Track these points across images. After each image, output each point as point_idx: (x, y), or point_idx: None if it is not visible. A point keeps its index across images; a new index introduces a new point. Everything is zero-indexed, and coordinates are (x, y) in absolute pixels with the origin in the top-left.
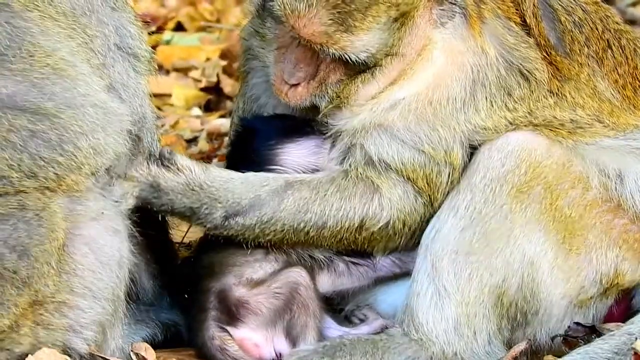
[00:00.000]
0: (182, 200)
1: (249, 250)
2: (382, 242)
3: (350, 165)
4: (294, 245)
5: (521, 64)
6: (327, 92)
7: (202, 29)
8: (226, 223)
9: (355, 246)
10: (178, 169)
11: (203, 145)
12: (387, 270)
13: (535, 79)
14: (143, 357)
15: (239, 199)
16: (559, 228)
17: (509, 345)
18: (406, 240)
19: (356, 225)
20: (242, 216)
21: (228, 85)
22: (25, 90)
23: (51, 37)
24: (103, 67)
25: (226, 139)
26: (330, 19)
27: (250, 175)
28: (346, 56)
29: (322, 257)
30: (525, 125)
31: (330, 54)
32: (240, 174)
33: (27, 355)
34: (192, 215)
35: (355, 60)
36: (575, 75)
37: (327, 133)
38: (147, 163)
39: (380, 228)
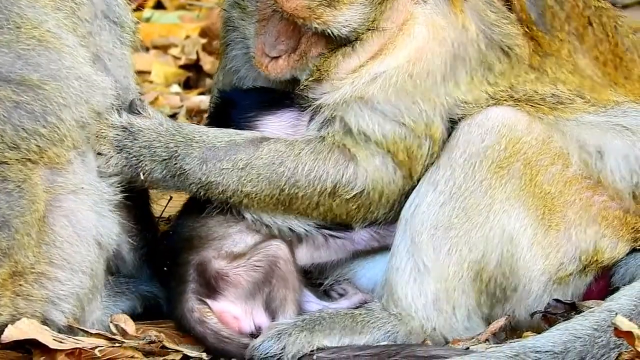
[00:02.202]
0: (159, 139)
1: (229, 223)
2: (360, 212)
3: (328, 133)
4: (274, 209)
5: (502, 40)
6: (308, 65)
7: (182, 6)
8: (204, 167)
9: (333, 216)
10: (150, 115)
11: (182, 121)
12: (365, 243)
13: (516, 54)
14: (122, 328)
15: (214, 141)
16: (538, 204)
17: (488, 321)
18: (385, 212)
19: (328, 189)
20: (219, 160)
21: (208, 63)
22: (10, 62)
23: (38, 9)
24: (90, 35)
25: (205, 115)
26: None
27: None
28: (328, 31)
29: (301, 229)
30: (506, 100)
31: (313, 28)
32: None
33: (6, 326)
34: (170, 159)
35: (338, 35)
36: (556, 51)
37: (306, 106)
38: (119, 111)
39: (354, 196)
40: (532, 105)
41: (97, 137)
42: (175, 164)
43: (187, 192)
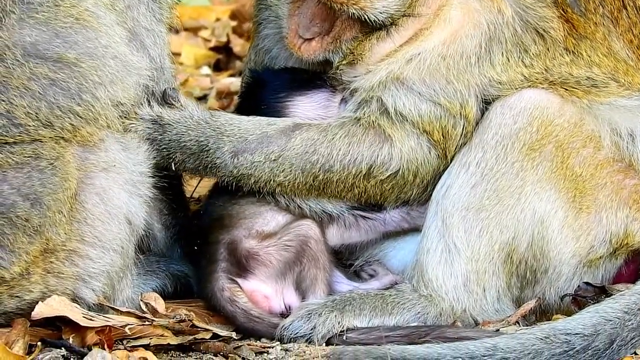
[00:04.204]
0: (188, 133)
1: (260, 202)
2: (394, 192)
3: (364, 114)
4: (308, 194)
5: (537, 23)
6: (341, 48)
7: None
8: (235, 160)
9: (367, 196)
10: (182, 105)
11: (212, 103)
12: (396, 224)
13: (551, 37)
14: (153, 307)
15: (246, 134)
16: (569, 187)
17: (518, 303)
18: (418, 193)
19: (363, 172)
20: (250, 153)
21: (238, 45)
22: (48, 39)
23: None
24: (128, 9)
25: (235, 97)
26: None
27: (257, 116)
28: (365, 16)
29: (333, 210)
30: (541, 83)
31: (350, 13)
32: (246, 116)
33: (37, 303)
34: (201, 153)
35: (374, 21)
36: (591, 34)
37: (337, 86)
38: (150, 102)
39: (388, 177)
40: (566, 89)
41: (127, 129)
42: (207, 157)
43: (219, 181)
